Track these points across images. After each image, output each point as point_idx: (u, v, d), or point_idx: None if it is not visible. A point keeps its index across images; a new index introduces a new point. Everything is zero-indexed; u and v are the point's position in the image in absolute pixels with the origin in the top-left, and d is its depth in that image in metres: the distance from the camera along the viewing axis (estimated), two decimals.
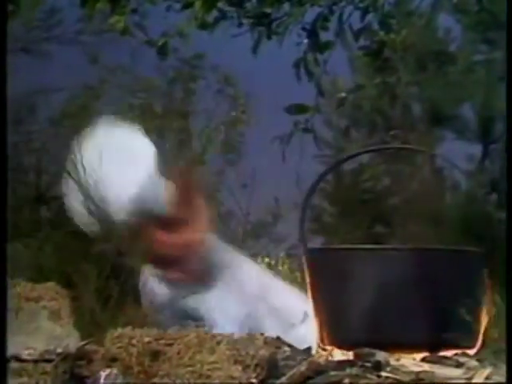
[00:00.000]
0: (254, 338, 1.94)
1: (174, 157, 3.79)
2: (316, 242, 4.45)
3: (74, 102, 3.98)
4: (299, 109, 3.80)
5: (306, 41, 3.62)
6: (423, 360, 1.91)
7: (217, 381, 1.87)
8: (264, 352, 1.90)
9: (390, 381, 1.83)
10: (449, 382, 1.82)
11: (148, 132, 3.96)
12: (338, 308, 1.99)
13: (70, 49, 3.99)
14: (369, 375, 1.84)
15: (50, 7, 3.98)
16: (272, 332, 2.00)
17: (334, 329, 2.00)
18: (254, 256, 3.06)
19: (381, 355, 1.87)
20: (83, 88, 4.00)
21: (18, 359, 1.98)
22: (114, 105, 3.98)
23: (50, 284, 2.16)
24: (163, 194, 2.42)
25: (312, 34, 3.59)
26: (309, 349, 1.99)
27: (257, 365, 1.89)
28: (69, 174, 2.48)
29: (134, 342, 1.92)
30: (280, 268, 3.72)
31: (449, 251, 2.03)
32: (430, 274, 1.96)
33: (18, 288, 2.12)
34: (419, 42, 4.09)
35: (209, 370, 1.88)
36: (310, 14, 3.61)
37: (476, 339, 1.99)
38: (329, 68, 3.69)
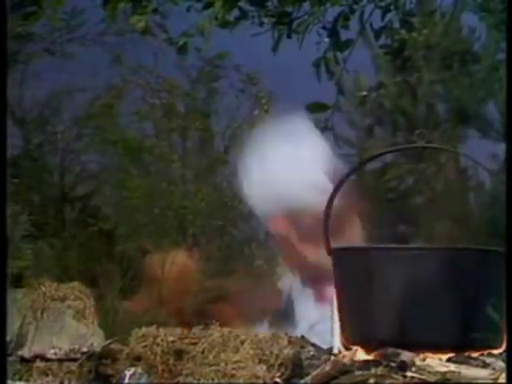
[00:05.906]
0: (278, 337, 1.94)
1: (197, 156, 3.79)
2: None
3: (97, 102, 3.99)
4: (318, 107, 3.79)
5: (326, 40, 3.61)
6: (449, 360, 1.90)
7: (241, 380, 1.87)
8: (288, 351, 1.90)
9: (415, 381, 1.82)
10: (475, 382, 1.81)
11: (171, 132, 3.97)
12: (362, 307, 1.98)
13: (93, 49, 4.00)
14: (394, 375, 1.83)
15: (71, 8, 3.98)
16: None
17: (359, 328, 1.99)
18: None
19: (406, 355, 1.86)
20: (106, 88, 4.01)
21: (44, 358, 1.99)
22: (136, 105, 3.99)
23: (75, 284, 2.17)
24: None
25: (333, 32, 3.57)
26: (333, 348, 1.98)
27: (281, 364, 1.89)
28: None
29: (158, 341, 1.92)
30: None
31: (475, 251, 2.01)
32: (456, 274, 1.95)
33: (44, 288, 2.13)
34: (443, 40, 4.07)
35: (233, 369, 1.88)
36: (331, 12, 3.59)
37: (502, 339, 1.98)
38: (351, 67, 3.67)
